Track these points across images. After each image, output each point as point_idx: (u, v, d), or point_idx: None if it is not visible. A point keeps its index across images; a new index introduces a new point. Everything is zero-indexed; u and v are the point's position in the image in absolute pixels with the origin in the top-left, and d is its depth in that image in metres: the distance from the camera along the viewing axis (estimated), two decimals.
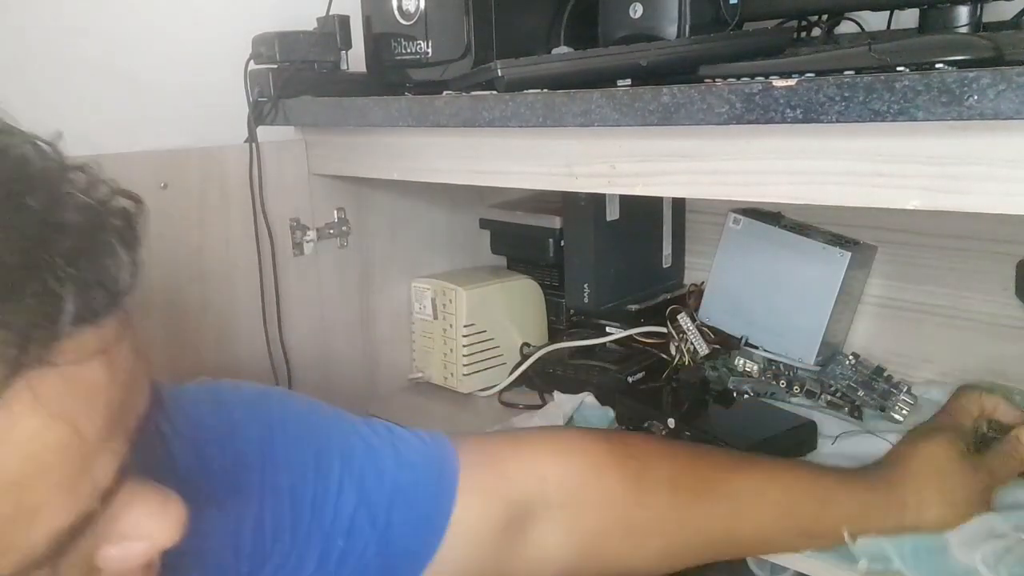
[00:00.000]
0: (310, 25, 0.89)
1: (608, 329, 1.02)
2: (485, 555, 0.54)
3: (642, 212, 1.05)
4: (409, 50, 0.84)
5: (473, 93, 0.70)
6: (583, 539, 0.56)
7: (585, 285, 1.02)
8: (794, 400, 0.89)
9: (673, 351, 0.96)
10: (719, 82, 0.56)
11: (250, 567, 0.46)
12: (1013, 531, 0.60)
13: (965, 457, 0.61)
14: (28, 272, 0.27)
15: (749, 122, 0.52)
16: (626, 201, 1.01)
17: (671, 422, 0.81)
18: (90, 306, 0.29)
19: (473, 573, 0.54)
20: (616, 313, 1.03)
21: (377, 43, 0.87)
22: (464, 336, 1.00)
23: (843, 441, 0.79)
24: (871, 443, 0.76)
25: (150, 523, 0.32)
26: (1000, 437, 0.67)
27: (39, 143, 0.30)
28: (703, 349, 0.94)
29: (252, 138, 0.86)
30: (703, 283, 1.04)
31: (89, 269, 0.29)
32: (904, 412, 0.83)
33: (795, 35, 0.88)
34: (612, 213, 1.01)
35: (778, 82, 0.50)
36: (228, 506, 0.46)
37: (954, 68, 0.48)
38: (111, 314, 0.30)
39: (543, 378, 1.00)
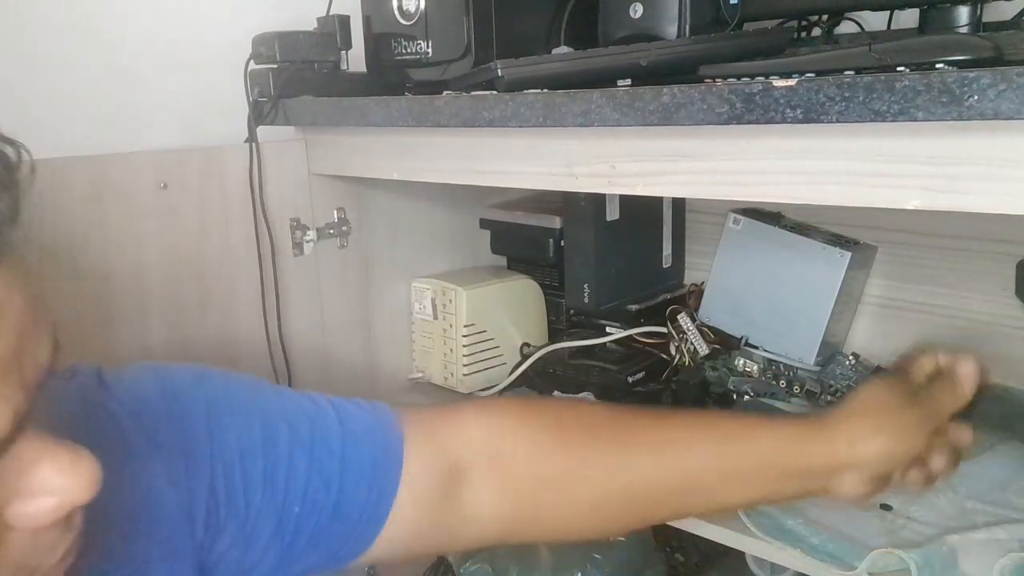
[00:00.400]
0: (310, 25, 0.89)
1: (608, 329, 1.02)
2: (428, 518, 0.55)
3: (642, 212, 1.06)
4: (409, 50, 0.84)
5: (473, 93, 0.70)
6: (514, 492, 0.57)
7: (585, 285, 1.02)
8: (794, 400, 0.89)
9: (673, 351, 0.97)
10: (719, 82, 0.56)
11: (205, 536, 0.47)
12: (1020, 547, 0.61)
13: (902, 392, 0.59)
14: None
15: (749, 122, 0.52)
16: (626, 201, 1.01)
17: None
18: None
19: (417, 537, 0.56)
20: (616, 313, 1.04)
21: (377, 43, 0.87)
22: (464, 336, 1.00)
23: None
24: None
25: (60, 479, 0.32)
26: None
27: None
28: (703, 349, 0.94)
29: (252, 138, 0.86)
30: (703, 283, 1.04)
31: None
32: None
33: (795, 35, 0.88)
34: (612, 213, 1.01)
35: (778, 82, 0.50)
36: (179, 477, 0.46)
37: (954, 68, 0.49)
38: None
39: (543, 378, 1.00)
